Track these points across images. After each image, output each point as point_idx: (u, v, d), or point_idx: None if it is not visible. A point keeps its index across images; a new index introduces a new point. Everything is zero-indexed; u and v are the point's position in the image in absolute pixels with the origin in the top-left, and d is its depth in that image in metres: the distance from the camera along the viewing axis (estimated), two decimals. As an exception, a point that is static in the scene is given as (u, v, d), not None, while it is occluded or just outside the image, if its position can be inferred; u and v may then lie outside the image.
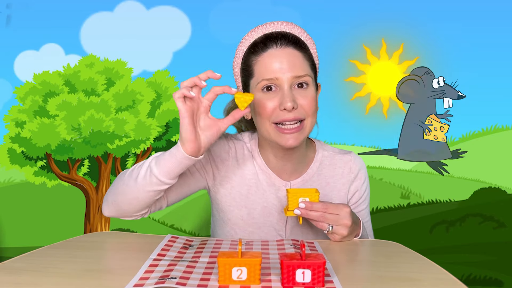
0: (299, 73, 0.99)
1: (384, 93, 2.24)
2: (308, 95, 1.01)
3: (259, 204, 1.10)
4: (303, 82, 1.00)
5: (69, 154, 2.28)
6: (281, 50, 1.00)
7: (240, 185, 1.10)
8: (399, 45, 2.22)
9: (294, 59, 1.00)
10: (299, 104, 0.99)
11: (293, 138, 1.00)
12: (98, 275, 0.72)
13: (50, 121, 2.25)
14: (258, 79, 1.01)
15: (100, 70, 2.27)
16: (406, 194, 2.27)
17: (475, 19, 2.20)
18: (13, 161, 2.29)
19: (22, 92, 2.27)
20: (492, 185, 2.23)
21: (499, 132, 2.22)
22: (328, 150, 1.17)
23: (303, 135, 1.02)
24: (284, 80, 0.99)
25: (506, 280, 2.23)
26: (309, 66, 1.03)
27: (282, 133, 1.00)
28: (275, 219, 1.10)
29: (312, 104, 1.01)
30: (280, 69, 0.99)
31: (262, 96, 1.01)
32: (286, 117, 0.98)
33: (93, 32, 2.26)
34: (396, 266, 0.79)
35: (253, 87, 1.03)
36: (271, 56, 1.01)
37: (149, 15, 2.26)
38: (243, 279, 0.67)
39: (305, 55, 1.03)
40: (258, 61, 1.02)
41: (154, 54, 2.26)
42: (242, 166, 1.11)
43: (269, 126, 1.01)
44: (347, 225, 0.96)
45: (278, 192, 1.10)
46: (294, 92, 0.99)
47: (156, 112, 2.28)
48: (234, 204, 1.11)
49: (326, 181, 1.13)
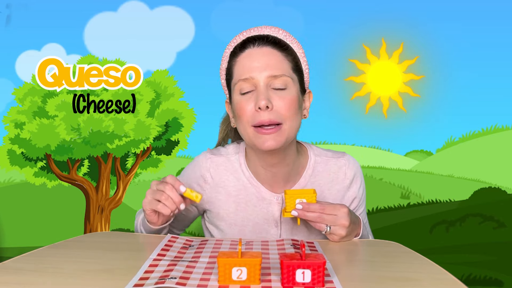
0: (275, 73, 0.96)
1: (384, 92, 2.24)
2: (287, 97, 0.96)
3: (250, 221, 1.07)
4: (281, 84, 0.96)
5: (69, 155, 2.28)
6: (258, 49, 0.98)
7: (227, 203, 1.07)
8: (399, 44, 2.22)
9: (271, 58, 0.97)
10: (274, 106, 0.95)
11: (271, 139, 0.95)
12: (98, 275, 0.72)
13: (50, 121, 2.25)
14: (235, 81, 0.99)
15: (99, 70, 2.27)
16: (406, 194, 2.26)
17: (476, 19, 2.20)
18: (13, 163, 2.29)
19: (21, 93, 2.27)
20: (492, 185, 2.23)
21: (499, 132, 2.22)
22: (320, 154, 1.11)
23: (283, 137, 0.97)
24: (260, 79, 0.96)
25: (506, 280, 2.23)
26: (291, 68, 1.00)
27: (260, 134, 0.96)
28: (268, 235, 1.07)
29: (290, 106, 0.96)
30: (256, 67, 0.96)
31: (240, 99, 0.98)
32: (262, 119, 0.94)
33: (96, 32, 2.26)
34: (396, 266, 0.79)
35: (233, 90, 1.01)
36: (247, 55, 0.99)
37: (153, 15, 2.26)
38: (243, 279, 0.67)
39: (286, 55, 1.00)
40: (236, 62, 1.00)
41: (158, 54, 2.26)
42: (226, 185, 1.07)
43: (250, 130, 0.98)
44: (345, 226, 0.95)
45: (269, 206, 1.06)
46: (271, 92, 0.96)
47: (155, 111, 2.28)
48: (223, 224, 1.08)
49: (321, 189, 1.09)
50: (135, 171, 2.31)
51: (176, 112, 2.28)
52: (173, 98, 2.29)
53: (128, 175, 2.31)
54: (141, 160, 2.30)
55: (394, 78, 2.23)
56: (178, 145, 2.26)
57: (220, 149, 1.12)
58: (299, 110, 1.00)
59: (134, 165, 2.31)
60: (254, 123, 0.96)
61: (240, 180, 1.07)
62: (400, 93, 2.24)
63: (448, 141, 2.24)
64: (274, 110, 0.95)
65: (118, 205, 2.31)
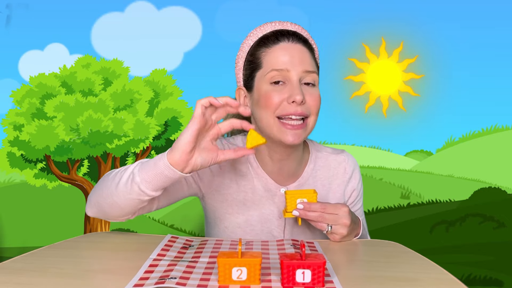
0: (309, 68, 1.00)
1: (384, 92, 2.24)
2: (315, 94, 1.01)
3: (256, 211, 1.08)
4: (311, 80, 1.01)
5: (69, 155, 2.28)
6: (293, 45, 1.01)
7: (237, 191, 1.08)
8: (399, 42, 2.22)
9: (304, 55, 1.01)
10: (306, 101, 0.99)
11: (296, 135, 0.98)
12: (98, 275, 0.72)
13: (48, 122, 2.25)
14: (266, 70, 1.01)
15: (97, 70, 2.27)
16: (406, 194, 2.26)
17: (477, 19, 2.20)
18: (13, 165, 2.29)
19: (19, 95, 2.27)
20: (492, 185, 2.23)
21: (499, 132, 2.22)
22: (321, 150, 1.15)
23: (305, 133, 1.01)
24: (294, 73, 0.99)
25: (506, 280, 2.23)
26: (316, 67, 1.04)
27: (285, 128, 0.98)
28: (273, 225, 1.08)
29: (318, 102, 1.01)
30: (291, 62, 0.99)
31: (270, 88, 1.00)
32: (293, 111, 0.97)
33: (103, 32, 2.26)
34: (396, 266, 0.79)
35: (260, 79, 1.02)
36: (282, 48, 1.01)
37: (160, 15, 2.26)
38: (243, 279, 0.67)
39: (312, 55, 1.04)
40: (268, 53, 1.02)
41: (165, 54, 2.27)
42: (238, 172, 1.09)
43: (273, 120, 0.99)
44: (346, 225, 0.95)
45: (274, 198, 1.08)
46: (302, 87, 0.99)
47: (154, 111, 2.28)
48: (231, 211, 1.08)
49: (322, 183, 1.12)
50: (135, 171, 2.31)
51: (175, 111, 2.28)
52: (172, 97, 2.29)
53: (128, 175, 2.31)
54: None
55: (394, 77, 2.23)
56: (178, 145, 2.26)
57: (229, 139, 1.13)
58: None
59: (134, 165, 2.30)
60: (282, 114, 0.98)
61: (249, 171, 1.08)
62: (400, 93, 2.24)
63: (448, 141, 2.24)
64: (305, 105, 0.99)
65: (118, 205, 2.31)
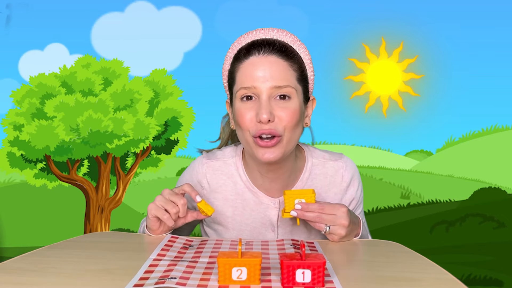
0: (279, 83, 0.93)
1: (384, 92, 2.24)
2: (290, 107, 0.94)
3: (248, 225, 1.06)
4: (285, 93, 0.94)
5: (68, 155, 2.28)
6: (263, 58, 0.95)
7: (224, 208, 1.06)
8: (399, 42, 2.22)
9: (276, 68, 0.95)
10: (276, 116, 0.93)
11: (269, 152, 0.94)
12: (98, 275, 0.72)
13: (48, 122, 2.25)
14: (237, 87, 0.97)
15: (97, 70, 2.27)
16: (406, 194, 2.26)
17: (477, 19, 2.20)
18: (13, 165, 2.29)
19: (19, 95, 2.27)
20: (492, 185, 2.23)
21: (499, 132, 2.22)
22: (318, 157, 1.09)
23: (282, 149, 0.95)
24: (263, 90, 0.93)
25: (506, 280, 2.23)
26: (296, 77, 0.97)
27: (259, 146, 0.94)
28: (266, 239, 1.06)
29: (292, 117, 0.94)
30: (259, 77, 0.94)
31: (241, 106, 0.96)
32: (262, 130, 0.93)
33: (103, 32, 2.27)
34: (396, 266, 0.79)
35: (234, 95, 0.99)
36: (252, 64, 0.96)
37: (160, 15, 2.26)
38: (243, 279, 0.67)
39: (292, 65, 0.97)
40: (239, 68, 0.98)
41: (165, 54, 2.27)
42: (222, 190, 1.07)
43: (249, 138, 0.96)
44: (345, 225, 0.94)
45: (266, 211, 1.06)
46: (273, 103, 0.94)
47: (154, 110, 2.28)
48: (221, 228, 1.08)
49: (318, 192, 1.06)
50: (135, 171, 2.31)
51: (175, 111, 2.28)
52: (172, 97, 2.29)
53: (128, 175, 2.31)
54: (141, 160, 2.30)
55: (394, 77, 2.23)
56: (178, 144, 2.26)
57: (216, 153, 1.10)
58: (301, 121, 0.99)
59: (134, 165, 2.31)
60: (254, 133, 0.94)
61: (237, 184, 1.06)
62: (400, 93, 2.24)
63: (448, 141, 2.24)
64: (275, 121, 0.94)
65: (118, 205, 2.31)
